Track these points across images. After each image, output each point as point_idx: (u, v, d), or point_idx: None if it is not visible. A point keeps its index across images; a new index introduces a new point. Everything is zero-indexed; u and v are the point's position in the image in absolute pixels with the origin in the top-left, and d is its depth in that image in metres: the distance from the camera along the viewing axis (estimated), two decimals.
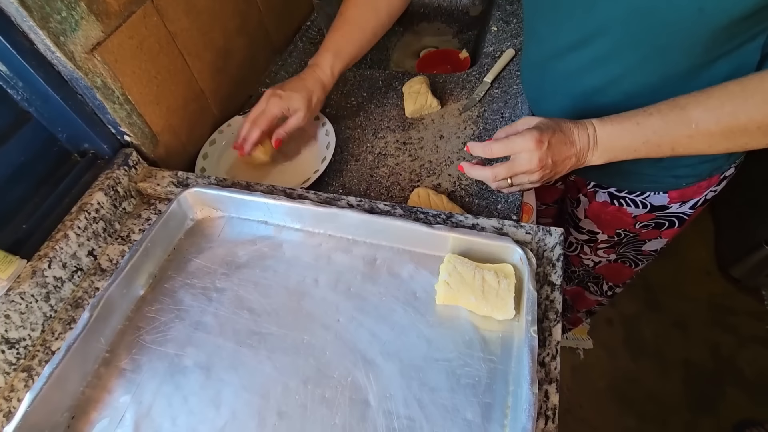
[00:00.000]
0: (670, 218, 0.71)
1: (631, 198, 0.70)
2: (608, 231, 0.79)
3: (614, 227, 0.77)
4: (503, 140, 0.52)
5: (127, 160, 0.65)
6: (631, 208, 0.71)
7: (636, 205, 0.70)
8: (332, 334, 0.51)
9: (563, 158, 0.52)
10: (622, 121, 0.50)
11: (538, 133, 0.50)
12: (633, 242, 0.80)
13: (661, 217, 0.71)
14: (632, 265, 0.88)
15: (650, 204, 0.69)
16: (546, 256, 0.51)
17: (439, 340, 0.49)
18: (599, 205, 0.75)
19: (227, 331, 0.53)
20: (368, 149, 0.79)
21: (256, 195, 0.60)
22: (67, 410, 0.49)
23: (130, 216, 0.66)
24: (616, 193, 0.71)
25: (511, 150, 0.51)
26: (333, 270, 0.56)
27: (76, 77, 0.56)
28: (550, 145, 0.50)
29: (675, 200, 0.67)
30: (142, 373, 0.51)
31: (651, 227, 0.74)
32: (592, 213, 0.78)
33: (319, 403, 0.46)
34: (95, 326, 0.51)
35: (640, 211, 0.71)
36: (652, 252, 0.82)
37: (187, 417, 0.47)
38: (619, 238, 0.79)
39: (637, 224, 0.74)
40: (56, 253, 0.56)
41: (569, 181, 0.82)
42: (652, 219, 0.72)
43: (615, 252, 0.85)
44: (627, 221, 0.74)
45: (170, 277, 0.58)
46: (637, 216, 0.72)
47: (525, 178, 0.53)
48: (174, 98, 0.71)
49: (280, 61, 1.00)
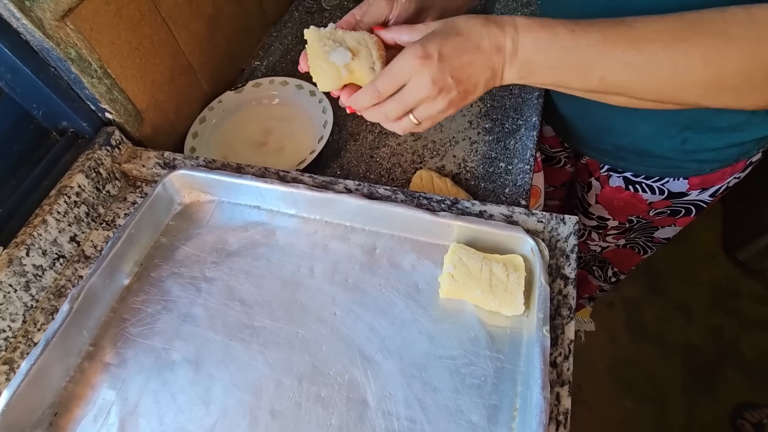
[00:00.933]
0: (687, 206, 0.67)
1: (648, 183, 0.66)
2: (620, 217, 0.75)
3: (627, 214, 0.73)
4: (385, 70, 0.40)
5: (109, 139, 0.60)
6: (647, 194, 0.67)
7: (653, 191, 0.66)
8: (328, 329, 0.48)
9: (469, 72, 0.39)
10: (553, 25, 0.38)
11: (420, 46, 0.38)
12: (645, 229, 0.76)
13: (678, 205, 0.67)
14: (641, 251, 0.85)
15: (668, 190, 0.65)
16: (559, 247, 0.47)
17: (443, 337, 0.46)
18: (612, 191, 0.71)
19: (217, 324, 0.50)
20: (368, 128, 0.74)
21: (247, 178, 0.56)
22: (49, 407, 0.46)
23: (115, 199, 0.62)
24: (632, 178, 0.67)
25: (397, 78, 0.39)
26: (329, 259, 0.53)
27: (47, 48, 0.51)
28: (442, 58, 0.37)
29: (695, 187, 0.63)
30: (128, 368, 0.48)
31: (666, 214, 0.70)
32: (604, 198, 0.74)
33: (314, 402, 0.44)
34: (77, 318, 0.48)
35: (656, 197, 0.67)
36: (663, 240, 0.79)
37: (175, 415, 0.45)
38: (631, 225, 0.76)
39: (652, 211, 0.70)
40: (34, 239, 0.52)
41: (581, 163, 0.77)
42: (668, 206, 0.68)
43: (624, 237, 0.81)
44: (641, 208, 0.70)
45: (157, 265, 0.55)
46: (652, 203, 0.68)
47: (428, 110, 0.40)
48: (159, 72, 0.66)
49: (274, 32, 0.94)
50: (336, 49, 0.42)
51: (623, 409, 1.30)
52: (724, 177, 0.61)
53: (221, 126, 0.76)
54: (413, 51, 0.38)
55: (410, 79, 0.39)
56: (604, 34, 0.37)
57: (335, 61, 0.42)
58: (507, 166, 0.66)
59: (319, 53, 0.43)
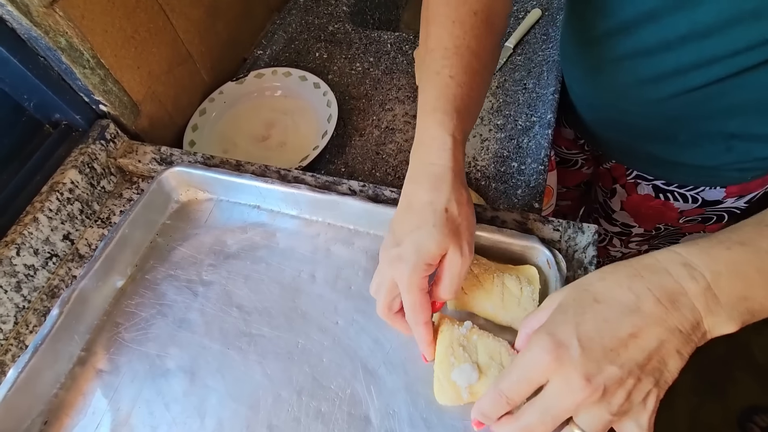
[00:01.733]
0: (720, 212, 0.63)
1: (681, 192, 0.61)
2: (646, 225, 0.71)
3: (655, 222, 0.69)
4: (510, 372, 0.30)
5: (103, 133, 0.58)
6: (679, 202, 0.62)
7: (686, 199, 0.62)
8: (330, 339, 0.46)
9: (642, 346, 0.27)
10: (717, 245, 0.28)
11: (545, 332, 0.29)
12: (671, 235, 0.72)
13: (711, 212, 0.63)
14: None
15: (702, 199, 0.60)
16: (576, 258, 0.44)
17: None
18: (640, 198, 0.66)
19: (214, 331, 0.48)
20: (374, 123, 0.71)
21: (246, 177, 0.53)
22: (39, 415, 0.44)
23: (110, 195, 0.60)
24: (663, 186, 0.62)
25: (526, 378, 0.29)
26: (332, 264, 0.50)
27: (35, 36, 0.48)
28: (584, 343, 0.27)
29: (732, 195, 0.59)
30: (121, 375, 0.46)
31: (697, 222, 0.66)
32: (631, 206, 0.69)
33: (313, 417, 0.41)
34: (67, 323, 0.46)
35: (689, 206, 0.62)
36: None
37: (168, 427, 0.43)
38: (658, 232, 0.71)
39: (682, 219, 0.66)
40: (25, 238, 0.50)
41: (602, 168, 0.72)
42: (700, 214, 0.64)
43: (648, 244, 0.77)
44: (671, 216, 0.66)
45: (152, 267, 0.53)
46: (684, 211, 0.64)
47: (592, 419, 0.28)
48: (156, 62, 0.63)
49: (278, 19, 0.90)
50: (462, 366, 0.37)
51: None
52: (764, 184, 0.57)
53: (222, 118, 0.73)
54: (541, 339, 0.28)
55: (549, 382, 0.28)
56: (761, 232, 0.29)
57: (456, 381, 0.37)
58: (520, 166, 0.63)
59: (444, 363, 0.38)
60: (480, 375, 0.37)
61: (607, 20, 0.49)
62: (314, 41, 0.85)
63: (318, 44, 0.84)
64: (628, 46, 0.49)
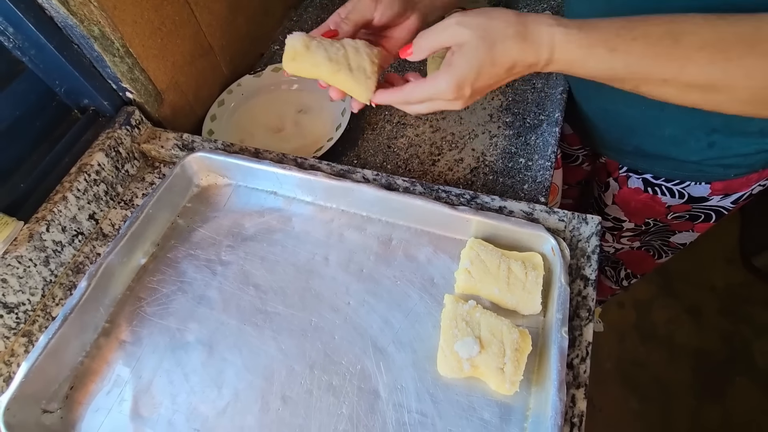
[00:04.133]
0: (707, 211, 0.66)
1: (668, 186, 0.64)
2: (636, 219, 0.74)
3: (644, 216, 0.72)
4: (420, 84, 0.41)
5: (129, 118, 0.60)
6: (666, 197, 0.65)
7: (672, 194, 0.64)
8: (342, 318, 0.48)
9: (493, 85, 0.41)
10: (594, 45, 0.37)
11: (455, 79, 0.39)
12: (661, 232, 0.74)
13: (698, 209, 0.66)
14: (656, 255, 0.83)
15: (688, 194, 0.63)
16: (580, 247, 0.46)
17: None
18: (630, 192, 0.69)
19: (231, 308, 0.50)
20: (386, 118, 0.73)
21: (264, 163, 0.55)
22: (66, 381, 0.47)
23: (133, 179, 0.63)
24: (652, 180, 0.65)
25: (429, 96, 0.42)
26: (345, 248, 0.53)
27: (71, 24, 0.50)
28: (473, 93, 0.40)
29: (717, 192, 0.61)
30: (143, 346, 0.49)
31: (684, 219, 0.68)
32: (621, 199, 0.72)
33: (325, 390, 0.44)
34: (94, 295, 0.49)
35: (676, 201, 0.65)
36: (679, 245, 0.77)
37: (187, 396, 0.45)
38: (647, 228, 0.74)
39: (670, 214, 0.68)
40: (54, 216, 0.53)
41: (599, 162, 0.75)
42: (687, 210, 0.66)
43: (640, 240, 0.80)
44: (659, 210, 0.68)
45: (173, 246, 0.55)
46: (671, 206, 0.66)
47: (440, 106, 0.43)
48: (180, 53, 0.66)
49: (295, 16, 0.92)
50: (464, 339, 0.40)
51: (628, 409, 1.30)
52: (749, 184, 0.60)
53: (239, 110, 0.76)
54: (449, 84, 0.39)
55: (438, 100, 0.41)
56: (645, 51, 0.36)
57: (459, 352, 0.40)
58: (527, 162, 0.65)
59: (447, 334, 0.41)
60: (481, 349, 0.39)
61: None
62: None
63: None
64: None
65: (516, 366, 0.38)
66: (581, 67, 0.39)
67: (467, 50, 0.38)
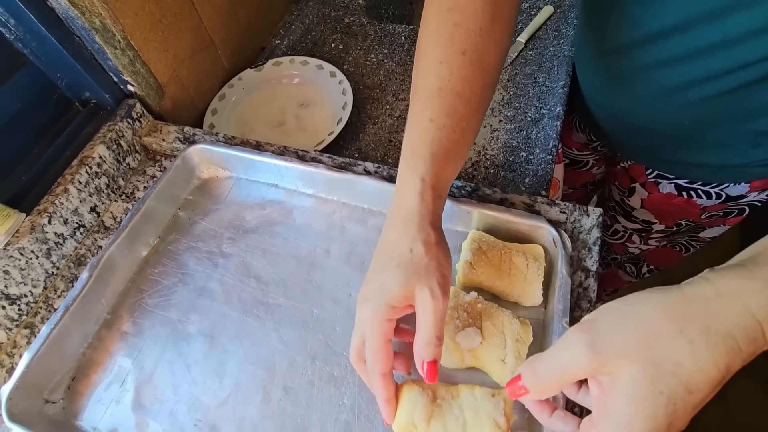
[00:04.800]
0: (741, 206, 0.63)
1: (705, 190, 0.61)
2: (668, 222, 0.71)
3: (676, 218, 0.69)
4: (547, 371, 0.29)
5: (130, 111, 0.60)
6: (702, 199, 0.62)
7: (709, 196, 0.61)
8: (343, 309, 0.48)
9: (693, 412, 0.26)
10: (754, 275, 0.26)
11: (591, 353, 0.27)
12: (692, 231, 0.72)
13: (733, 206, 0.63)
14: (682, 250, 0.80)
15: (726, 195, 0.60)
16: (581, 239, 0.46)
17: None
18: (662, 197, 0.66)
19: (233, 300, 0.50)
20: (388, 112, 0.73)
21: (266, 156, 0.55)
22: (68, 371, 0.47)
23: (134, 172, 0.63)
24: (685, 185, 0.62)
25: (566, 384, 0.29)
26: (346, 241, 0.53)
27: (72, 16, 0.50)
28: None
29: (756, 189, 0.58)
30: (144, 337, 0.49)
31: (718, 216, 0.66)
32: (652, 204, 0.69)
33: (327, 380, 0.44)
34: (95, 287, 0.49)
35: (712, 202, 0.62)
36: (708, 239, 0.74)
37: (189, 386, 0.45)
38: (679, 228, 0.71)
39: (704, 215, 0.66)
40: (56, 208, 0.53)
41: (619, 167, 0.71)
42: (722, 209, 0.64)
43: (668, 240, 0.77)
44: (694, 212, 0.65)
45: (174, 238, 0.55)
46: (706, 207, 0.64)
47: None
48: (181, 46, 0.66)
49: (296, 10, 0.92)
50: (466, 330, 0.39)
51: None
52: None
53: (240, 104, 0.76)
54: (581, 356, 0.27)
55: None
56: None
57: (461, 343, 0.39)
58: (528, 156, 0.65)
59: (449, 325, 0.39)
60: (482, 340, 0.39)
61: (629, 33, 0.49)
62: (330, 33, 0.87)
63: (334, 36, 0.86)
64: (654, 57, 0.48)
65: (517, 357, 0.38)
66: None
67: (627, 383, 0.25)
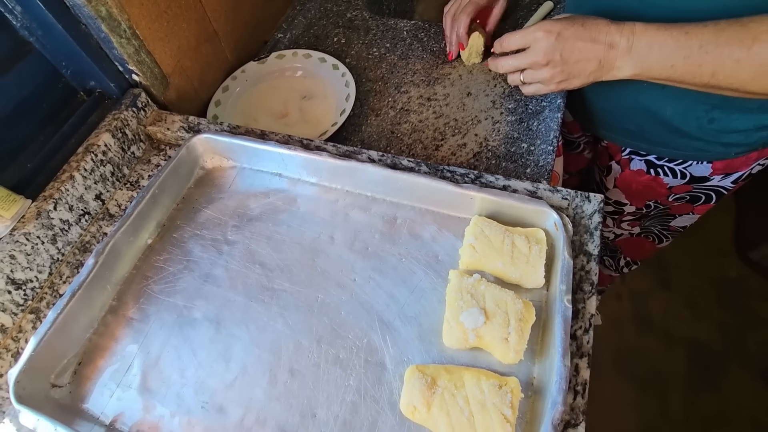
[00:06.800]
0: (707, 192, 0.67)
1: (670, 167, 0.65)
2: (637, 202, 0.75)
3: (645, 198, 0.73)
4: (518, 31, 0.51)
5: (135, 101, 0.61)
6: (668, 177, 0.66)
7: (674, 174, 0.66)
8: (348, 294, 0.49)
9: (578, 57, 0.47)
10: (669, 28, 0.43)
11: (549, 23, 0.48)
12: (661, 215, 0.75)
13: (699, 190, 0.67)
14: (655, 240, 0.84)
15: (690, 174, 0.64)
16: (583, 224, 0.47)
17: None
18: (632, 174, 0.70)
19: (238, 285, 0.51)
20: (390, 104, 0.74)
21: (270, 144, 0.56)
22: (74, 356, 0.47)
23: (139, 161, 0.63)
24: (655, 161, 0.66)
25: (522, 41, 0.51)
26: (350, 227, 0.53)
27: (79, 4, 0.51)
28: (560, 37, 0.47)
29: (718, 171, 0.62)
30: (150, 323, 0.49)
31: (685, 200, 0.69)
32: (623, 182, 0.73)
33: (332, 363, 0.44)
34: (101, 273, 0.49)
35: (677, 181, 0.66)
36: (679, 228, 0.78)
37: (195, 370, 0.46)
38: (648, 211, 0.75)
39: (671, 196, 0.69)
40: (62, 194, 0.53)
41: (600, 146, 0.76)
42: (688, 191, 0.67)
43: (640, 225, 0.81)
44: (660, 192, 0.69)
45: (179, 226, 0.56)
46: (672, 187, 0.67)
47: (534, 75, 0.52)
48: (186, 37, 0.66)
49: (298, 5, 0.93)
50: (470, 310, 0.40)
51: (626, 398, 1.31)
52: (749, 163, 0.61)
53: (243, 96, 0.76)
54: (542, 25, 0.48)
55: (530, 45, 0.49)
56: (717, 35, 0.40)
57: (464, 323, 0.40)
58: (529, 147, 0.66)
59: (452, 306, 0.41)
60: (486, 320, 0.40)
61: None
62: (332, 27, 0.88)
63: (336, 30, 0.87)
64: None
65: (520, 336, 0.39)
66: (659, 51, 0.43)
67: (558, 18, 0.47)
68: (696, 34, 0.42)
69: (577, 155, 0.88)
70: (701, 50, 0.42)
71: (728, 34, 0.41)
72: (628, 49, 0.45)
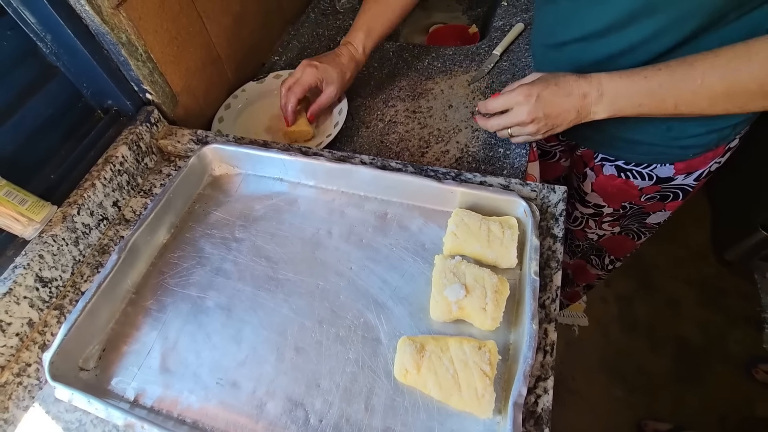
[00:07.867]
0: (674, 190, 0.73)
1: (638, 170, 0.72)
2: (614, 204, 0.82)
3: (620, 200, 0.80)
4: (500, 96, 0.58)
5: (149, 117, 0.67)
6: (638, 180, 0.73)
7: (642, 177, 0.72)
8: (345, 281, 0.54)
9: (558, 111, 0.54)
10: (630, 75, 0.51)
11: (527, 87, 0.54)
12: (637, 215, 0.82)
13: (667, 189, 0.73)
14: (635, 237, 0.90)
15: (656, 176, 0.71)
16: (549, 212, 0.54)
17: None
18: (606, 178, 0.77)
19: (246, 277, 0.56)
20: (379, 117, 0.81)
21: (272, 152, 0.62)
22: (99, 343, 0.52)
23: (151, 172, 0.69)
24: (623, 166, 0.73)
25: (505, 104, 0.57)
26: (346, 223, 0.59)
27: (103, 32, 0.58)
28: (540, 98, 0.54)
29: (681, 171, 0.69)
30: (167, 312, 0.54)
31: (656, 199, 0.76)
32: (599, 186, 0.80)
33: (333, 340, 0.50)
34: (122, 268, 0.55)
35: (646, 183, 0.73)
36: (654, 225, 0.84)
37: (210, 352, 0.51)
38: (625, 211, 0.82)
39: (643, 197, 0.76)
40: (84, 200, 0.59)
41: (576, 155, 0.84)
42: (657, 191, 0.74)
43: (619, 225, 0.87)
44: (633, 194, 0.76)
45: (191, 227, 0.62)
46: (643, 188, 0.74)
47: (521, 130, 0.58)
48: (193, 60, 0.74)
49: (292, 30, 1.01)
50: (452, 285, 0.47)
51: (614, 397, 1.36)
52: (706, 161, 0.68)
53: (244, 112, 0.83)
54: (521, 90, 0.55)
55: (514, 107, 0.56)
56: (671, 75, 0.49)
57: (448, 296, 0.47)
58: (506, 152, 0.73)
59: (438, 284, 0.48)
60: (466, 293, 0.46)
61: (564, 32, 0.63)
62: (324, 50, 0.96)
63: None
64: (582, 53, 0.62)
65: (496, 305, 0.45)
66: (626, 95, 0.52)
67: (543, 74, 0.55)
68: (653, 77, 0.50)
69: (554, 164, 0.95)
70: (661, 89, 0.50)
71: (679, 73, 0.49)
72: (600, 97, 0.53)
